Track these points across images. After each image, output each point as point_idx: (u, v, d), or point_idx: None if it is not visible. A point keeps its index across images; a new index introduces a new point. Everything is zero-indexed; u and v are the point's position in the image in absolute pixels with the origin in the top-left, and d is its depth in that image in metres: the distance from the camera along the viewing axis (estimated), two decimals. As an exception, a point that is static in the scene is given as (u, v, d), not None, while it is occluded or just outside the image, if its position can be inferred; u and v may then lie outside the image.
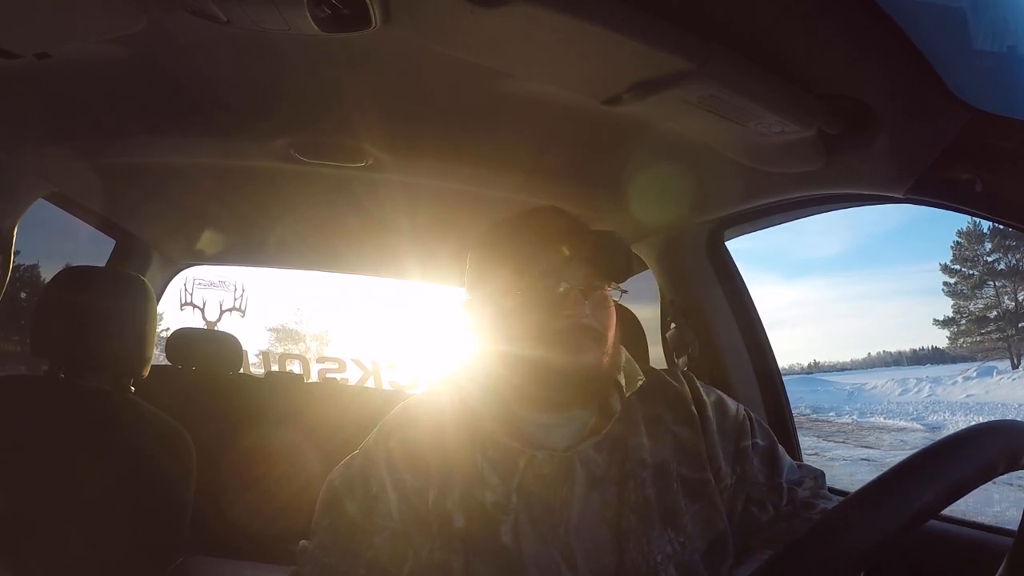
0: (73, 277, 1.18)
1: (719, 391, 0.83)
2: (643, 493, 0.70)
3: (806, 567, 0.43)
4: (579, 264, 0.72)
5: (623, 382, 0.75)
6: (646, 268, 1.54)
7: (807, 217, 1.24)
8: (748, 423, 0.80)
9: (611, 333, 0.73)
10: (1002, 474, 0.48)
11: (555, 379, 0.69)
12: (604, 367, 0.72)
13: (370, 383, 4.10)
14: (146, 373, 1.19)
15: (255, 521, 1.71)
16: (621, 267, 0.74)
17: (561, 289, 0.70)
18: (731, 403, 0.81)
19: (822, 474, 0.84)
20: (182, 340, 2.02)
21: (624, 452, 0.72)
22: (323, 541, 0.73)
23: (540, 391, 0.71)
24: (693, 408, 0.77)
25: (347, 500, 0.73)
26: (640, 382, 0.76)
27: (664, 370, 0.84)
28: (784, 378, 1.39)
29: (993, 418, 0.55)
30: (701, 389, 0.80)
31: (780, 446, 0.81)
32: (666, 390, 0.79)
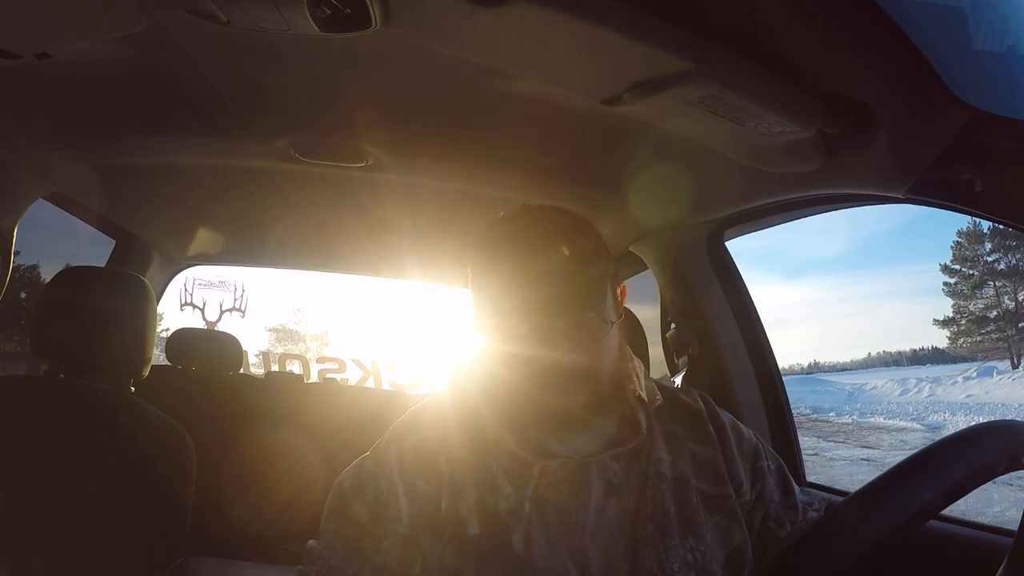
0: (73, 277, 1.18)
1: (731, 415, 0.84)
2: (661, 503, 0.70)
3: (807, 566, 0.43)
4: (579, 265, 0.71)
5: (645, 396, 0.75)
6: (646, 268, 1.54)
7: (807, 217, 1.24)
8: (760, 446, 0.81)
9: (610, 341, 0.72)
10: (1002, 474, 0.48)
11: (557, 379, 0.69)
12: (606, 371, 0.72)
13: (370, 383, 4.09)
14: (146, 373, 1.19)
15: (255, 521, 1.71)
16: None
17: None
18: (743, 427, 0.83)
19: (827, 502, 0.87)
20: (182, 340, 2.02)
21: (643, 464, 0.72)
22: (330, 544, 0.72)
23: (543, 393, 0.70)
24: (710, 427, 0.78)
25: (356, 503, 0.73)
26: (658, 401, 0.77)
27: (679, 388, 0.84)
28: (784, 378, 1.40)
29: (993, 418, 0.55)
30: (718, 410, 0.81)
31: (787, 468, 0.83)
32: (682, 409, 0.80)
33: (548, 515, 0.69)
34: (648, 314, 1.46)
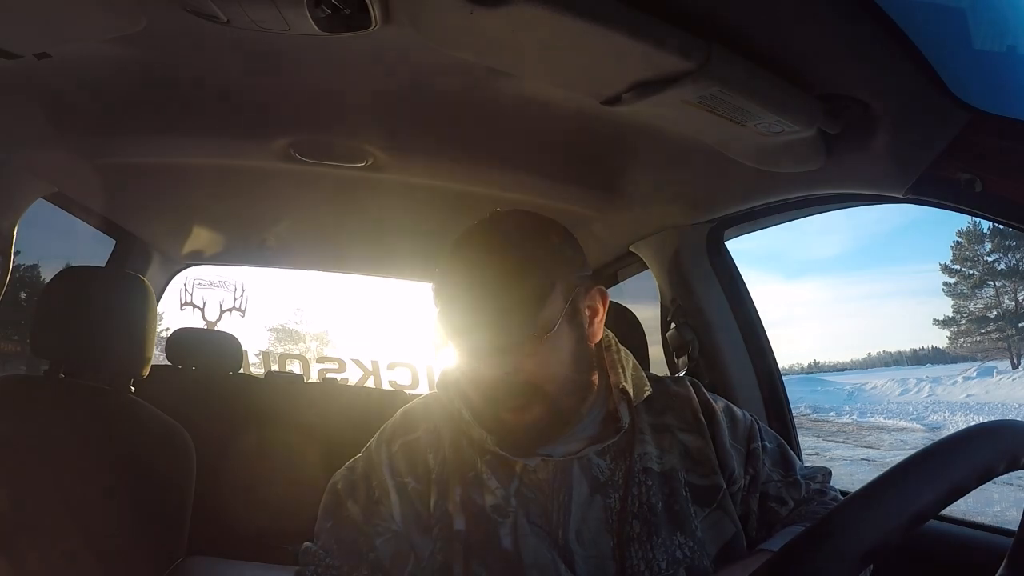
0: (73, 277, 1.18)
1: (724, 399, 0.83)
2: (648, 500, 0.70)
3: (806, 568, 0.43)
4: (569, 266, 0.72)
5: (631, 391, 0.74)
6: (646, 268, 1.54)
7: (807, 217, 1.24)
8: (756, 427, 0.81)
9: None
10: (1002, 474, 0.48)
11: (501, 398, 0.69)
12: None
13: (370, 383, 4.09)
14: (146, 373, 1.19)
15: (255, 521, 1.71)
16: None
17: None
18: (738, 410, 0.82)
19: (829, 471, 0.85)
20: (182, 340, 2.02)
21: (629, 459, 0.72)
22: (326, 543, 0.73)
23: (495, 409, 0.71)
24: (701, 416, 0.77)
25: (349, 503, 0.74)
26: (647, 392, 0.76)
27: (670, 378, 0.84)
28: (784, 378, 1.40)
29: (993, 418, 0.55)
30: (709, 397, 0.80)
31: (787, 445, 0.82)
32: (673, 399, 0.79)
33: (531, 514, 0.69)
34: (648, 314, 1.46)
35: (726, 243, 1.41)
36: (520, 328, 0.66)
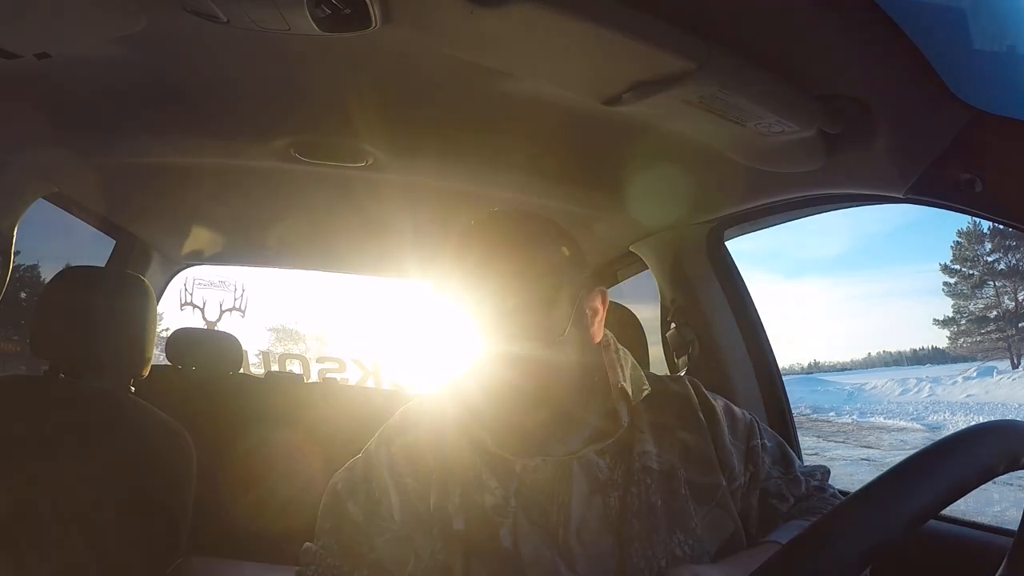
0: (73, 277, 1.18)
1: (723, 398, 0.83)
2: (647, 498, 0.70)
3: (805, 568, 0.43)
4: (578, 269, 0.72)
5: (630, 390, 0.74)
6: (646, 268, 1.54)
7: (807, 217, 1.24)
8: (755, 425, 0.81)
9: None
10: (1002, 474, 0.48)
11: (510, 400, 0.70)
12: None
13: (370, 383, 4.09)
14: (146, 373, 1.19)
15: (255, 521, 1.71)
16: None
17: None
18: (737, 408, 0.82)
19: (828, 469, 0.85)
20: (182, 340, 2.02)
21: (629, 458, 0.72)
22: (327, 543, 0.74)
23: (502, 411, 0.71)
24: (700, 415, 0.77)
25: (350, 503, 0.74)
26: (646, 391, 0.76)
27: (669, 377, 0.84)
28: (784, 378, 1.40)
29: (993, 418, 0.55)
30: (708, 395, 0.80)
31: (786, 444, 0.83)
32: (672, 397, 0.79)
33: (531, 514, 0.69)
34: (648, 314, 1.46)
35: (726, 243, 1.41)
36: (532, 334, 0.67)
